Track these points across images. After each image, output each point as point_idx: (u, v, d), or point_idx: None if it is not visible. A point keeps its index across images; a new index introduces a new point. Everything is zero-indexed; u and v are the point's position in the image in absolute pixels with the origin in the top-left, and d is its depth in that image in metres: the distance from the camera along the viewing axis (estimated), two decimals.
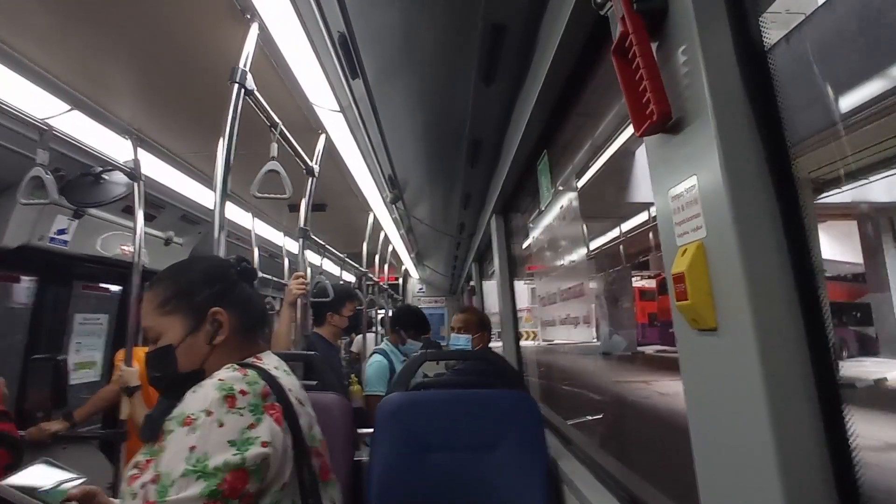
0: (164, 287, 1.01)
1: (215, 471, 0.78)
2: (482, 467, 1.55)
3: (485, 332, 2.36)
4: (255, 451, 0.82)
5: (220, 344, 0.99)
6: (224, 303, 1.00)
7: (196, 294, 0.99)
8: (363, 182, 3.16)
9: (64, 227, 2.44)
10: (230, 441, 0.81)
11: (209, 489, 0.77)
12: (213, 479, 0.78)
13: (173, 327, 0.97)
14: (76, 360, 2.64)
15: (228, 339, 1.00)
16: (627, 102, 0.78)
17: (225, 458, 0.79)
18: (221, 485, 0.78)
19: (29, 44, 1.63)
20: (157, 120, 2.24)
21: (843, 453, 0.58)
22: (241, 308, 1.04)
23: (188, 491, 0.76)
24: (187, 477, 0.77)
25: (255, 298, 1.10)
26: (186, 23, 1.58)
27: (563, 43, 1.28)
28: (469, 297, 6.99)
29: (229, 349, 1.00)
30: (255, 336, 1.07)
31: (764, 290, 0.61)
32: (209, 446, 0.80)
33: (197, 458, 0.79)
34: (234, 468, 0.79)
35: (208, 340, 0.98)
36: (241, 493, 0.80)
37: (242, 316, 1.03)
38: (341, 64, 1.67)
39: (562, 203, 1.80)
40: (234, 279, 1.06)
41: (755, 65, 0.68)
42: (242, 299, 1.05)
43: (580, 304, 1.72)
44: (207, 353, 0.98)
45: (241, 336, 1.03)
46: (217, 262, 1.12)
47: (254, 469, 0.82)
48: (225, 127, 1.49)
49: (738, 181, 0.64)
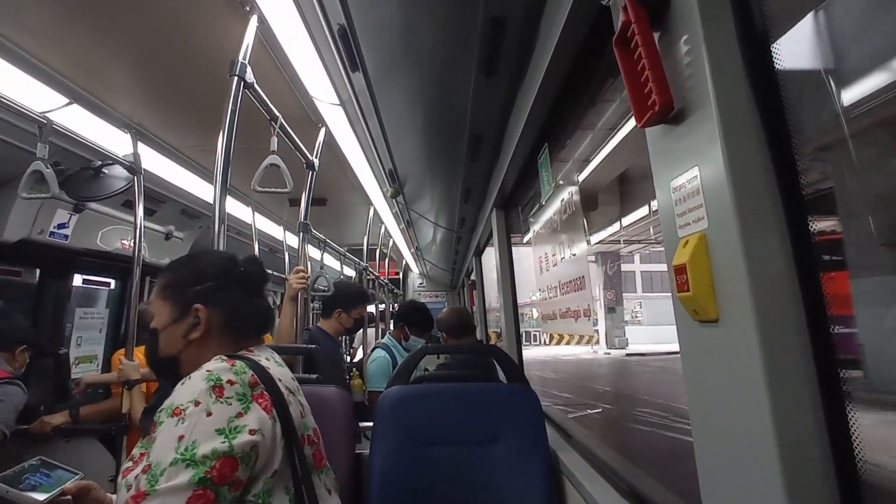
0: (169, 273, 1.06)
1: (203, 459, 0.79)
2: (483, 460, 1.55)
3: (471, 335, 2.36)
4: (243, 439, 0.83)
5: (200, 339, 1.01)
6: (210, 301, 1.02)
7: (187, 287, 1.03)
8: (363, 176, 3.15)
9: (64, 222, 2.44)
10: (218, 429, 0.82)
11: (198, 476, 0.78)
12: (201, 467, 0.79)
13: (162, 313, 1.02)
14: (77, 355, 2.64)
15: (211, 337, 1.01)
16: (629, 93, 0.77)
17: (213, 446, 0.80)
18: (209, 472, 0.79)
19: (28, 37, 1.63)
20: (157, 114, 2.24)
21: (845, 444, 0.58)
22: (230, 309, 1.04)
23: (177, 479, 0.78)
24: (176, 465, 0.78)
25: (252, 302, 1.08)
26: (186, 16, 1.57)
27: (564, 34, 1.27)
28: (469, 291, 6.99)
29: (211, 346, 1.01)
30: (245, 339, 1.06)
31: (765, 282, 0.61)
32: (197, 435, 0.81)
33: (186, 447, 0.80)
34: (223, 455, 0.81)
35: (184, 334, 1.00)
36: (230, 480, 0.81)
37: (230, 317, 1.03)
38: (341, 57, 1.66)
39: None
40: (228, 279, 1.06)
41: (758, 54, 0.67)
42: (234, 301, 1.04)
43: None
44: (183, 345, 1.01)
45: (228, 336, 1.03)
46: (219, 259, 1.10)
47: (242, 456, 0.83)
48: (225, 120, 1.49)
49: (741, 172, 0.63)
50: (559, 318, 1.92)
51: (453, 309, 2.67)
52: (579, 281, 1.65)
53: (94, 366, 3.25)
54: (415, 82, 1.96)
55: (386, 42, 1.65)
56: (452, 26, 1.57)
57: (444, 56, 1.75)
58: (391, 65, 1.80)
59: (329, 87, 1.98)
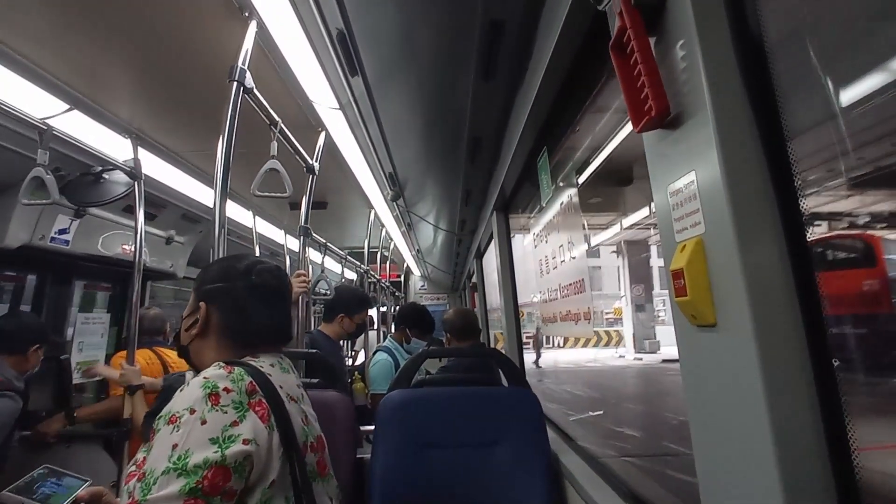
0: (202, 271, 1.12)
1: (195, 468, 0.79)
2: (484, 464, 1.55)
3: (475, 338, 2.36)
4: (236, 449, 0.83)
5: (200, 336, 1.04)
6: (215, 302, 1.04)
7: (203, 284, 1.07)
8: (363, 179, 3.15)
9: (65, 227, 2.45)
10: (211, 438, 0.82)
11: (188, 486, 0.78)
12: (192, 477, 0.78)
13: (189, 304, 1.09)
14: (79, 360, 2.64)
15: (209, 336, 1.03)
16: (625, 98, 0.78)
17: (205, 456, 0.80)
18: (200, 482, 0.79)
19: (28, 44, 1.63)
20: (157, 119, 2.24)
21: (842, 448, 0.58)
22: (234, 314, 1.04)
23: (168, 489, 0.77)
24: (168, 474, 0.78)
25: (257, 311, 1.05)
26: (185, 21, 1.58)
27: (561, 38, 1.28)
28: (471, 293, 6.99)
29: (209, 345, 1.03)
30: (251, 347, 1.04)
31: (762, 286, 0.61)
32: (191, 444, 0.81)
33: (178, 456, 0.80)
34: (214, 465, 0.80)
35: (187, 327, 1.05)
36: (221, 490, 0.80)
37: (232, 321, 1.04)
38: (340, 61, 1.66)
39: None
40: (234, 285, 1.05)
41: (754, 59, 0.67)
42: (238, 306, 1.04)
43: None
44: (188, 338, 1.05)
45: (228, 339, 1.03)
46: (234, 264, 1.09)
47: (235, 466, 0.82)
48: (224, 125, 1.49)
49: (737, 177, 0.64)
50: (559, 321, 1.92)
51: (459, 310, 2.65)
52: (579, 284, 1.65)
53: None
54: (414, 86, 1.97)
55: (385, 46, 1.66)
56: (451, 30, 1.57)
57: (443, 60, 1.75)
58: (390, 69, 1.80)
59: (328, 91, 1.98)
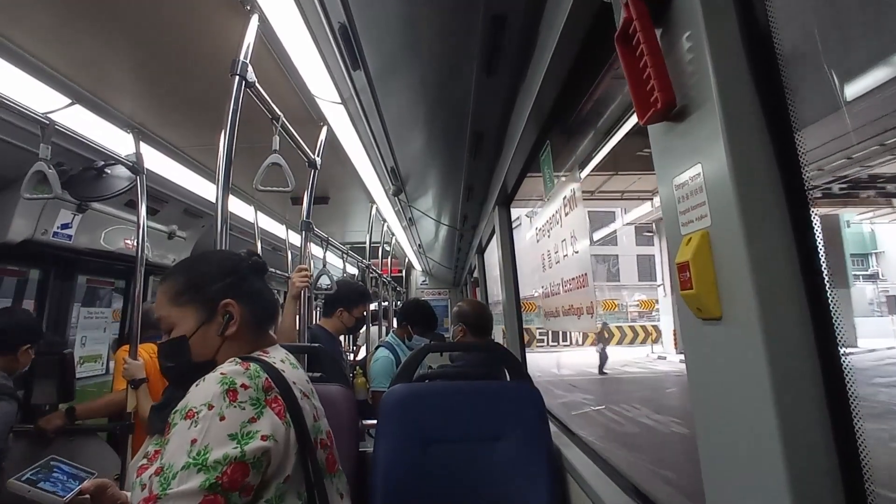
0: (177, 279, 1.03)
1: (215, 464, 0.79)
2: (486, 458, 1.56)
3: (486, 337, 2.34)
4: (255, 445, 0.83)
5: (232, 336, 1.01)
6: (235, 295, 1.02)
7: (209, 286, 1.02)
8: (365, 174, 3.15)
9: (68, 222, 2.45)
10: (230, 434, 0.82)
11: (209, 482, 0.78)
12: (212, 472, 0.79)
13: (186, 318, 1.00)
14: (81, 354, 2.65)
15: (240, 331, 1.01)
16: (631, 90, 0.77)
17: (225, 452, 0.80)
18: (220, 477, 0.79)
19: (29, 38, 1.63)
20: (159, 113, 2.24)
21: (849, 442, 0.58)
22: (252, 301, 1.05)
23: (188, 484, 0.78)
24: (188, 470, 0.79)
25: (265, 292, 1.10)
26: (187, 15, 1.57)
27: (565, 32, 1.27)
28: (472, 289, 6.99)
29: (241, 341, 1.02)
30: (265, 329, 1.09)
31: (769, 279, 0.61)
32: (210, 439, 0.81)
33: (198, 452, 0.80)
34: (234, 461, 0.80)
35: (220, 332, 1.00)
36: (240, 485, 0.81)
37: (253, 309, 1.04)
38: (342, 55, 1.65)
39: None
40: (244, 272, 1.07)
41: (762, 51, 0.66)
42: (253, 292, 1.06)
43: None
44: (219, 344, 1.00)
45: (253, 328, 1.04)
46: (229, 255, 1.12)
47: (254, 462, 0.83)
48: (226, 120, 1.48)
49: (744, 169, 0.63)
50: (562, 315, 1.92)
51: (476, 304, 2.55)
52: (582, 278, 1.65)
53: (98, 365, 3.27)
54: (416, 80, 1.96)
55: (387, 40, 1.65)
56: (453, 24, 1.56)
57: (446, 53, 1.74)
58: (392, 63, 1.80)
59: (330, 85, 1.98)
